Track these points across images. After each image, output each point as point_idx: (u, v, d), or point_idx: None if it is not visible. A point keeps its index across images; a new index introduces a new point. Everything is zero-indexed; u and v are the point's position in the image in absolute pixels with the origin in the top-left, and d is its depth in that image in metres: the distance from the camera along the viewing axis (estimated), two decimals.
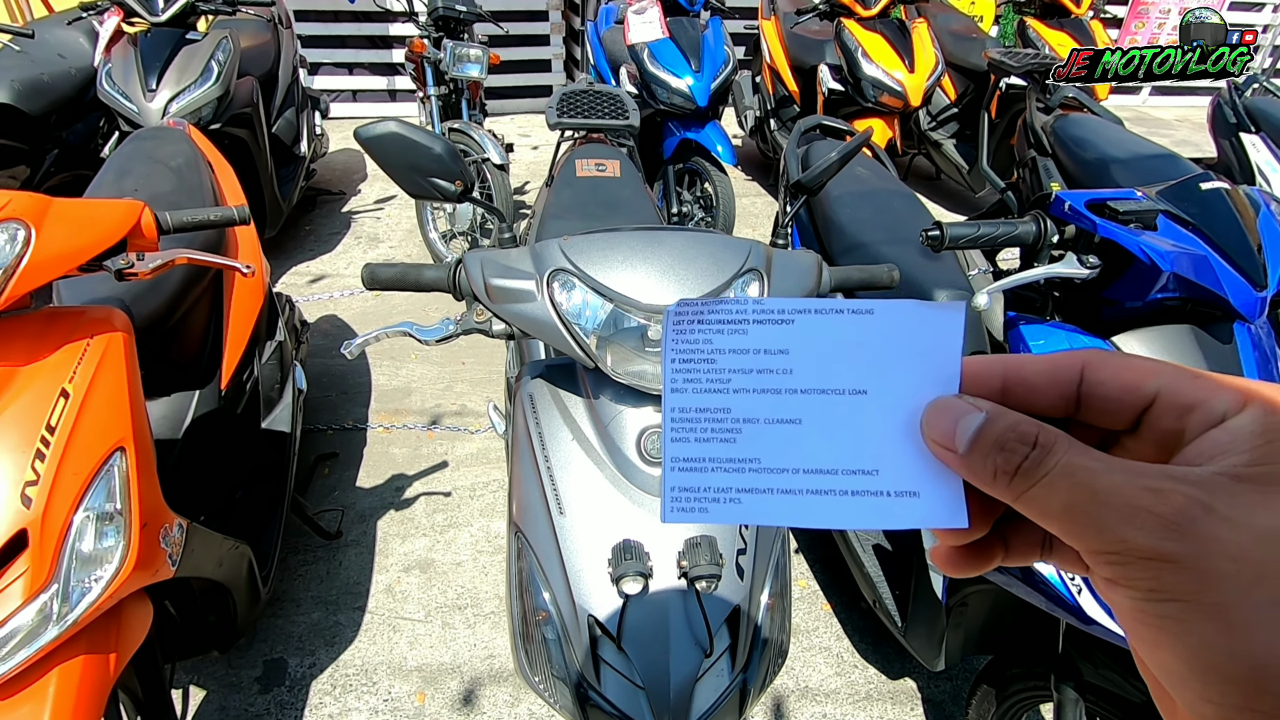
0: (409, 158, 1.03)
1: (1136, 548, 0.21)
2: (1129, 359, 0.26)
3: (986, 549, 0.29)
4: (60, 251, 1.06)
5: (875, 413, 0.28)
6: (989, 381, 0.28)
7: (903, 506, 0.28)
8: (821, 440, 0.28)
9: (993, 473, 0.25)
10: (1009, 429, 0.25)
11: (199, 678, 1.72)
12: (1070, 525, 0.23)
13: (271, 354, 1.98)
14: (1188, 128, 6.27)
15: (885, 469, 0.28)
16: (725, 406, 0.29)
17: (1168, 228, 1.05)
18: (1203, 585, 0.20)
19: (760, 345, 0.29)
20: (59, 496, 1.02)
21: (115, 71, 2.77)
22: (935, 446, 0.27)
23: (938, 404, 0.27)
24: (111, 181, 1.86)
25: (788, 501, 0.28)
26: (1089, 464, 0.23)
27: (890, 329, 0.28)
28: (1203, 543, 0.21)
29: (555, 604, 0.94)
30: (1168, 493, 0.22)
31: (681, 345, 0.29)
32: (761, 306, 0.29)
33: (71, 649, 1.06)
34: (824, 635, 1.89)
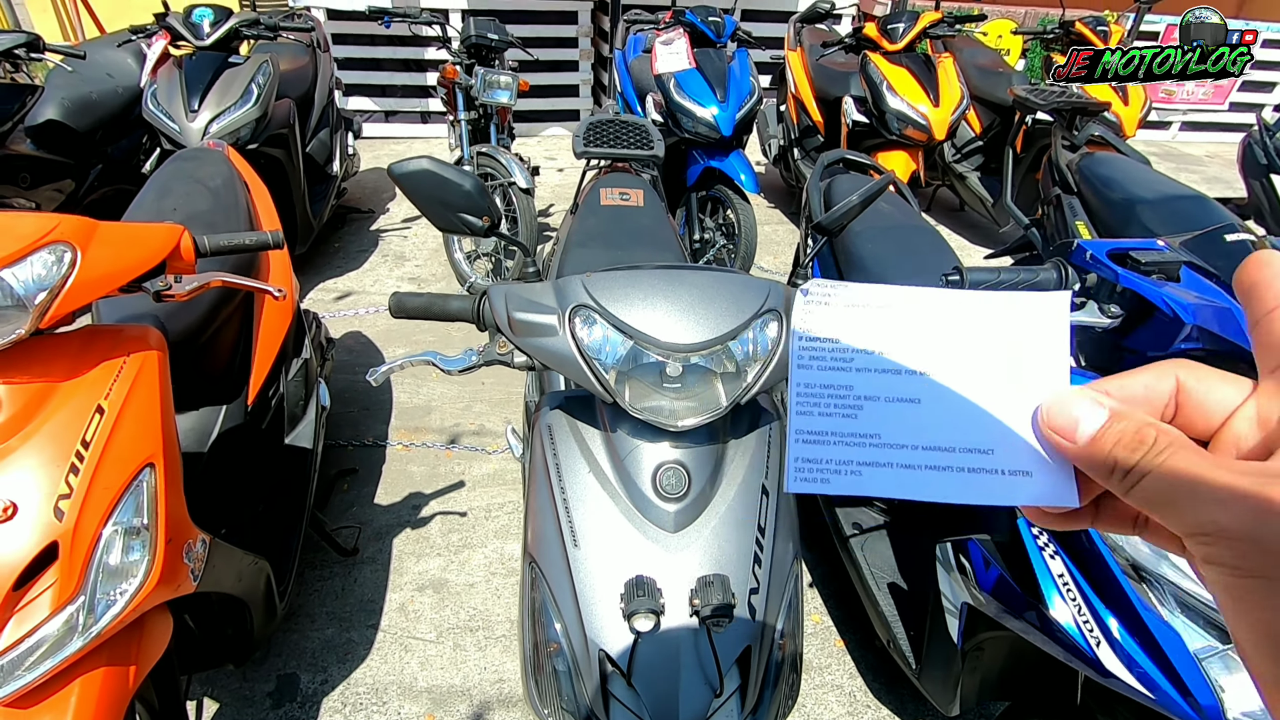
0: (439, 194, 1.06)
1: (1224, 528, 0.23)
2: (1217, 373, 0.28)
3: (1078, 513, 0.31)
4: (104, 273, 1.10)
5: (989, 395, 0.30)
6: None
7: (1016, 485, 0.29)
8: (938, 419, 0.30)
9: (1110, 469, 0.27)
10: (1132, 430, 0.26)
11: (213, 690, 1.73)
12: (1170, 510, 0.25)
13: (297, 371, 2.02)
14: (1218, 164, 6.20)
15: (999, 449, 0.29)
16: (848, 384, 0.30)
17: (1191, 279, 1.04)
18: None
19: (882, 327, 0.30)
20: (90, 510, 1.05)
21: (160, 92, 2.88)
22: (1053, 435, 0.28)
23: (1060, 395, 0.29)
24: (153, 200, 1.93)
25: (906, 475, 0.29)
26: (1195, 460, 0.25)
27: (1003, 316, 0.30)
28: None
29: (567, 636, 0.95)
30: (1261, 482, 0.23)
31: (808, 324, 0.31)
32: (885, 290, 0.31)
33: (93, 661, 1.08)
34: (836, 673, 1.86)
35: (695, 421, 0.97)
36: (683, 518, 0.98)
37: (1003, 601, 1.22)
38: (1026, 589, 1.17)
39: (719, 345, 0.94)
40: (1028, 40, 5.47)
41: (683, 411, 0.97)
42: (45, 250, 1.04)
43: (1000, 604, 1.23)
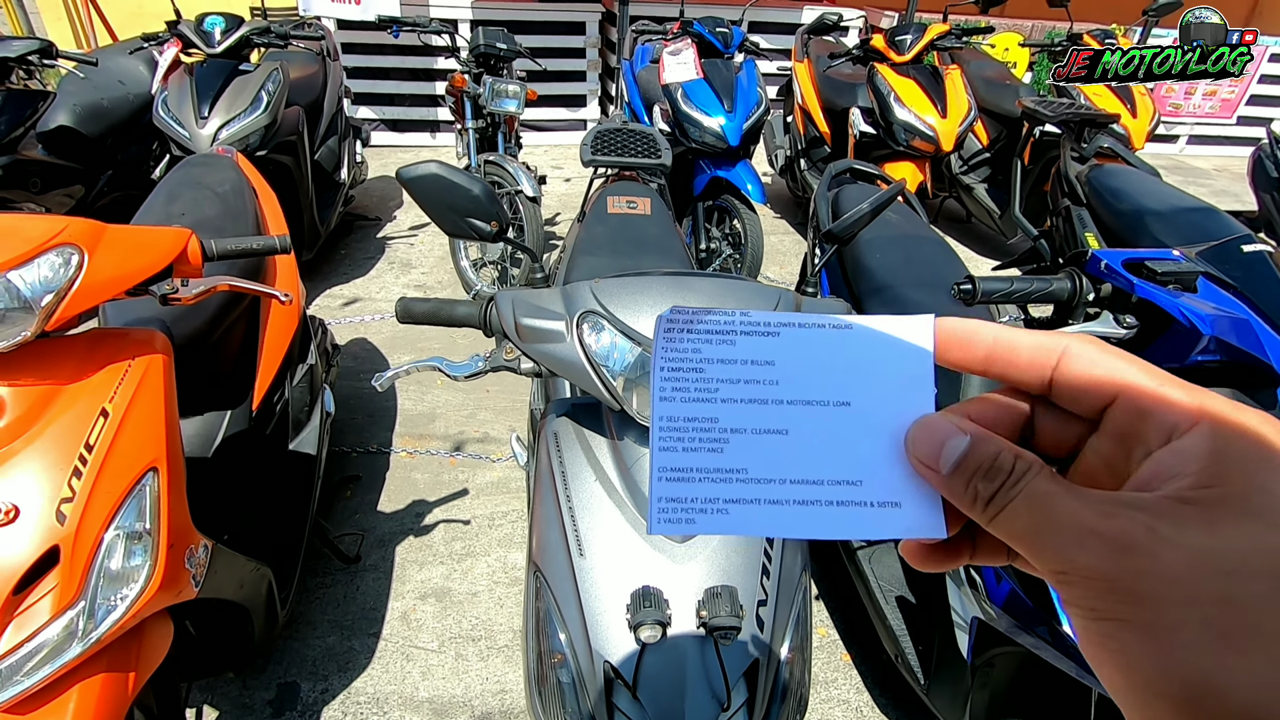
0: (448, 198, 1.06)
1: (1081, 567, 0.22)
2: (1103, 357, 0.26)
3: (954, 548, 0.30)
4: (110, 276, 1.10)
5: (858, 424, 0.29)
6: (977, 344, 0.28)
7: (885, 517, 0.28)
8: (807, 451, 0.29)
9: (972, 498, 0.26)
10: (988, 457, 0.25)
11: (212, 697, 1.72)
12: (1029, 546, 0.24)
13: (302, 377, 2.02)
14: (1227, 177, 6.18)
15: (868, 480, 0.28)
16: (713, 416, 0.29)
17: (1208, 289, 1.03)
18: (1139, 605, 0.21)
19: (748, 356, 0.29)
20: (92, 514, 1.04)
21: (170, 99, 2.90)
22: (919, 465, 0.28)
23: (924, 423, 0.28)
24: (161, 205, 1.93)
25: (774, 512, 0.28)
26: (1051, 489, 0.24)
27: (868, 342, 0.29)
28: (1141, 564, 0.21)
29: (571, 647, 0.93)
30: (1114, 515, 0.22)
31: (671, 354, 0.29)
32: (748, 318, 0.29)
33: (93, 666, 1.07)
34: (843, 687, 1.84)
35: None
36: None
37: (1014, 616, 1.20)
38: (1039, 603, 1.15)
39: None
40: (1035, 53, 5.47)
41: None
42: (53, 253, 1.04)
43: (1012, 619, 1.21)
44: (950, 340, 0.29)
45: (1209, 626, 0.20)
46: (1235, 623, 0.20)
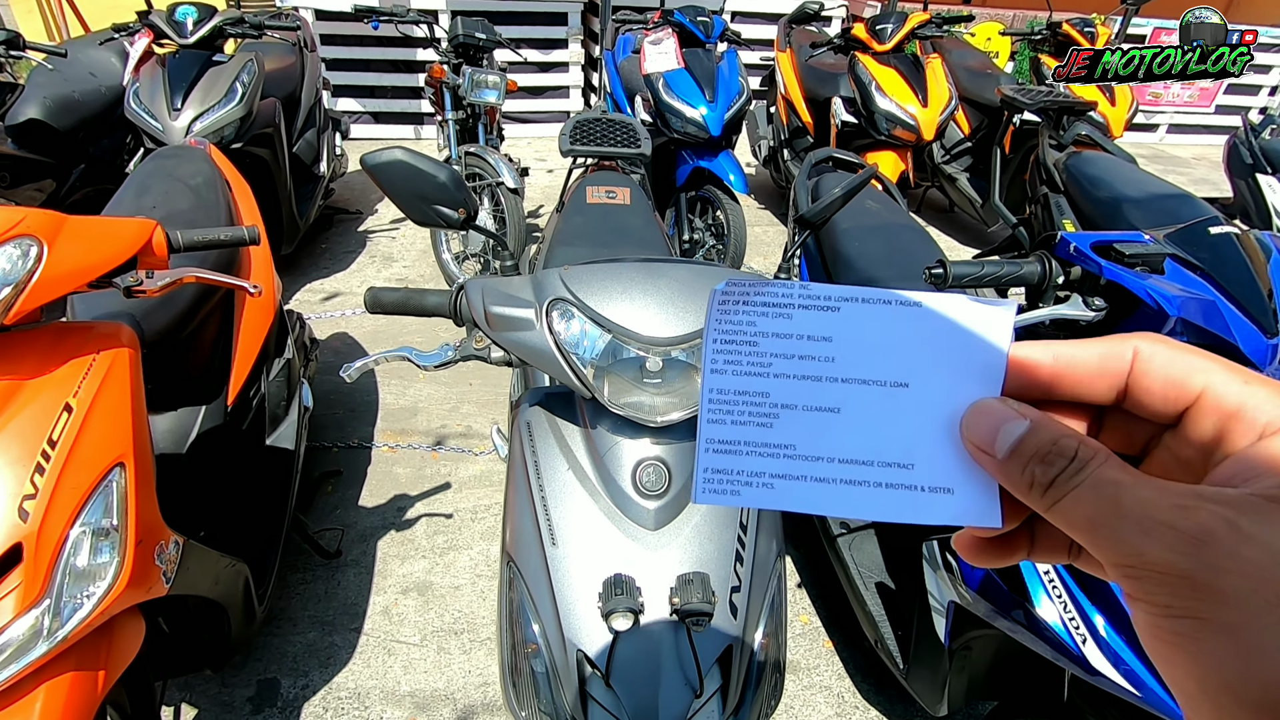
0: (414, 185, 1.04)
1: (1153, 562, 0.21)
2: (1181, 351, 0.25)
3: (1011, 543, 0.28)
4: (71, 268, 1.08)
5: (915, 406, 0.28)
6: (1038, 368, 0.27)
7: (936, 502, 0.27)
8: (859, 430, 0.28)
9: (1029, 483, 0.24)
10: (1050, 442, 0.24)
11: (190, 695, 1.70)
12: (1093, 537, 0.23)
13: (279, 371, 2.00)
14: (1205, 166, 6.24)
15: (921, 464, 0.27)
16: (764, 390, 0.28)
17: (1175, 272, 1.04)
18: (1218, 604, 0.20)
19: (804, 331, 0.28)
20: (56, 511, 1.02)
21: (142, 91, 2.85)
22: (973, 449, 0.26)
23: (980, 406, 0.27)
24: (132, 198, 1.90)
25: (821, 490, 0.28)
26: (1119, 478, 0.23)
27: (937, 322, 0.28)
28: (1221, 560, 0.20)
29: (545, 637, 0.93)
30: (1192, 509, 0.21)
31: (725, 326, 0.29)
32: (808, 292, 0.28)
33: (60, 665, 1.05)
34: (825, 674, 1.85)
35: (676, 417, 0.95)
36: (663, 515, 0.96)
37: (990, 600, 1.21)
38: (1013, 587, 1.16)
39: (699, 339, 0.93)
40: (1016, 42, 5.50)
41: (663, 407, 0.95)
42: (10, 244, 1.02)
43: (987, 603, 1.22)
44: (1010, 365, 0.27)
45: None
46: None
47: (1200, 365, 0.24)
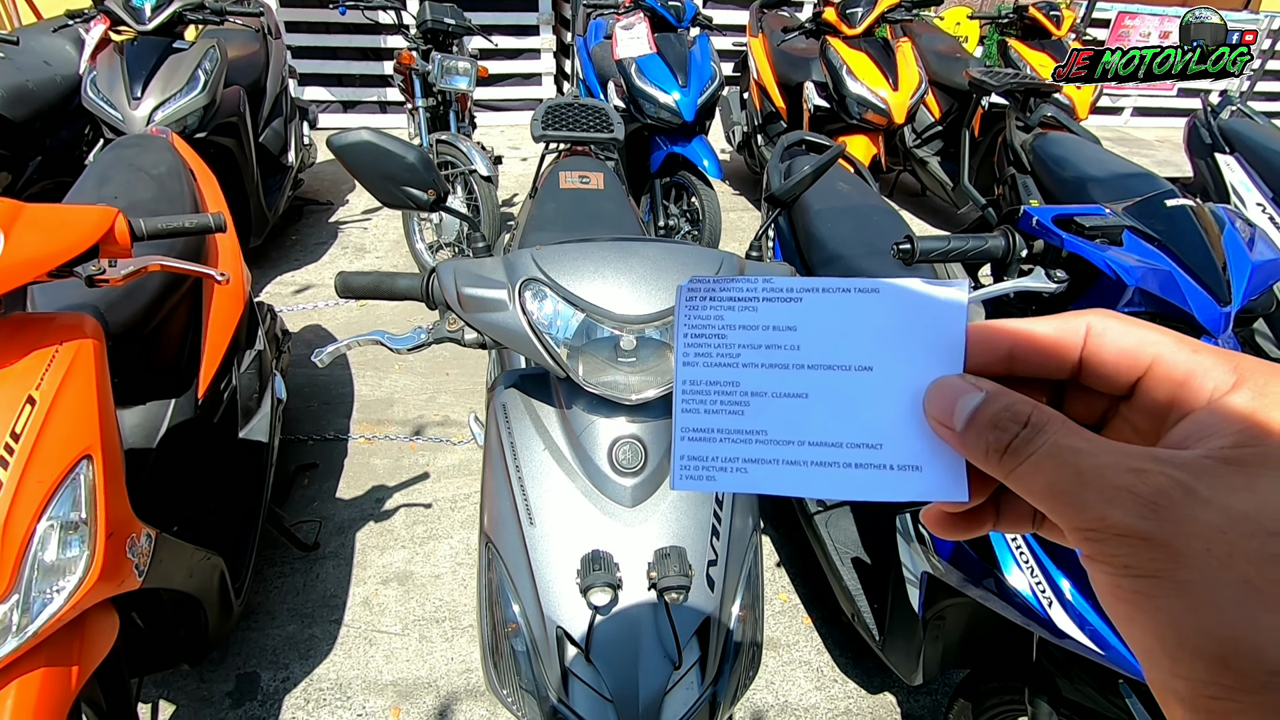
0: (382, 167, 1.03)
1: (1113, 525, 0.22)
2: (1132, 325, 0.26)
3: (978, 515, 0.30)
4: (29, 257, 1.05)
5: (880, 388, 0.29)
6: (996, 345, 0.28)
7: (905, 479, 0.28)
8: (827, 414, 0.29)
9: (985, 450, 0.25)
10: (1004, 409, 0.25)
11: (169, 691, 1.68)
12: (1054, 503, 0.23)
13: (250, 363, 1.97)
14: (1168, 148, 6.38)
15: (889, 443, 0.28)
16: (734, 380, 0.29)
17: (1134, 243, 1.06)
18: (1175, 563, 0.21)
19: (769, 322, 0.29)
20: (22, 505, 1.00)
21: (100, 79, 2.77)
22: (935, 423, 0.27)
23: (940, 383, 0.28)
24: (92, 188, 1.85)
25: (793, 472, 0.29)
26: (1076, 444, 0.23)
27: (896, 307, 0.29)
28: (1178, 522, 0.21)
29: (524, 616, 0.94)
30: (1150, 473, 0.22)
31: (694, 320, 0.30)
32: (771, 285, 0.29)
33: (31, 661, 1.04)
34: (804, 649, 1.88)
35: (651, 395, 0.96)
36: (639, 492, 0.97)
37: (961, 569, 1.24)
38: (984, 556, 1.19)
39: (672, 316, 0.93)
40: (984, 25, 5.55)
41: (638, 385, 0.96)
42: None
43: (959, 572, 1.25)
44: (970, 346, 0.28)
45: (1247, 585, 0.20)
46: (1274, 582, 0.20)
47: (1150, 338, 0.25)
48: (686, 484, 0.29)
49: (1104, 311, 0.27)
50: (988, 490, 0.28)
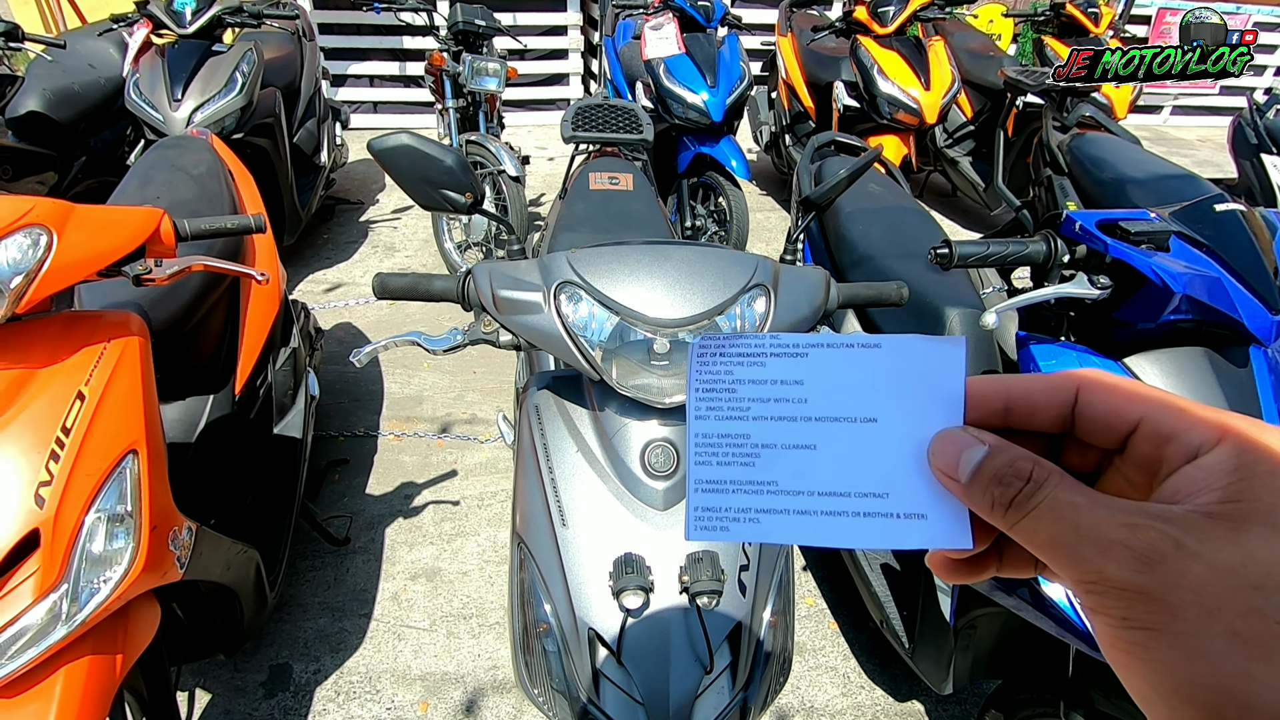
0: (420, 170, 1.05)
1: (1111, 578, 0.23)
2: (1120, 384, 0.27)
3: (981, 561, 0.31)
4: (81, 257, 1.08)
5: (885, 439, 0.30)
6: (993, 400, 0.29)
7: (911, 528, 0.29)
8: (835, 465, 0.30)
9: (990, 503, 0.26)
10: (1007, 464, 0.26)
11: (205, 681, 1.73)
12: (1054, 555, 0.24)
13: (285, 360, 2.00)
14: (1209, 148, 6.20)
15: (895, 492, 0.29)
16: (745, 433, 0.31)
17: (1181, 249, 1.04)
18: (1168, 616, 0.22)
19: (777, 376, 0.31)
20: (71, 497, 1.04)
21: (142, 81, 2.84)
22: (941, 475, 0.28)
23: (944, 435, 0.29)
24: (135, 188, 1.90)
25: (803, 522, 0.30)
26: (1074, 499, 0.24)
27: (897, 361, 0.30)
28: (1170, 576, 0.22)
29: (556, 616, 0.94)
30: (1142, 528, 0.23)
31: (705, 376, 0.31)
32: (778, 341, 0.31)
33: (78, 649, 1.07)
34: (830, 655, 1.86)
35: (683, 398, 0.96)
36: (672, 495, 0.97)
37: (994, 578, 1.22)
38: None
39: (706, 320, 0.93)
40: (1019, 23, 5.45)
41: (670, 388, 0.96)
42: (20, 233, 1.02)
43: (993, 580, 1.23)
44: (969, 398, 0.29)
45: (1235, 637, 0.21)
46: (1261, 633, 0.21)
47: (1139, 395, 0.27)
48: (702, 535, 0.30)
49: (1095, 371, 0.28)
50: (990, 538, 0.29)
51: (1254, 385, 1.03)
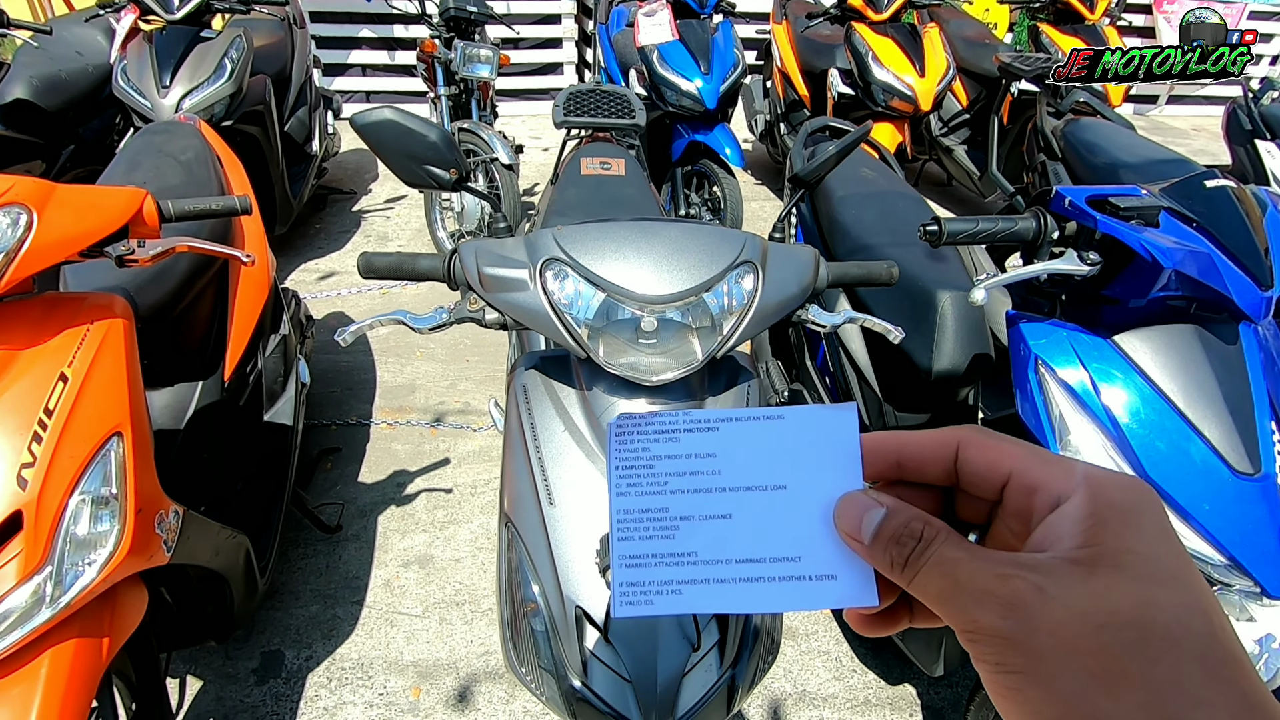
0: (404, 145, 1.04)
1: (983, 627, 0.24)
2: (994, 440, 0.29)
3: (893, 614, 0.32)
4: (62, 237, 1.07)
5: (794, 504, 0.31)
6: (887, 455, 0.31)
7: (823, 589, 0.30)
8: (749, 532, 0.31)
9: (890, 563, 0.28)
10: (902, 524, 0.28)
11: (196, 668, 1.72)
12: (942, 608, 0.26)
13: (275, 347, 1.99)
14: (1205, 137, 6.20)
15: (806, 555, 0.31)
16: (664, 506, 0.32)
17: (1171, 225, 1.03)
18: (1031, 659, 0.23)
19: (691, 450, 0.32)
20: (55, 479, 1.03)
21: (130, 68, 2.81)
22: (845, 536, 0.30)
23: (846, 499, 0.30)
24: (122, 174, 1.88)
25: (722, 590, 0.31)
26: (956, 555, 0.26)
27: (799, 430, 0.32)
28: (1032, 621, 0.23)
29: (544, 596, 0.94)
30: (1009, 578, 0.24)
31: (624, 454, 0.32)
32: (690, 417, 0.32)
33: (64, 632, 1.06)
34: (823, 639, 1.87)
35: (671, 376, 0.95)
36: None
37: None
38: None
39: (693, 297, 0.93)
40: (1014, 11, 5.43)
41: (658, 366, 0.95)
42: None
43: None
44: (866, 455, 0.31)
45: (1087, 674, 0.22)
46: (1107, 669, 0.22)
47: (1009, 451, 0.28)
48: (627, 610, 0.31)
49: (972, 428, 0.30)
50: (895, 593, 0.31)
51: (1243, 362, 1.03)
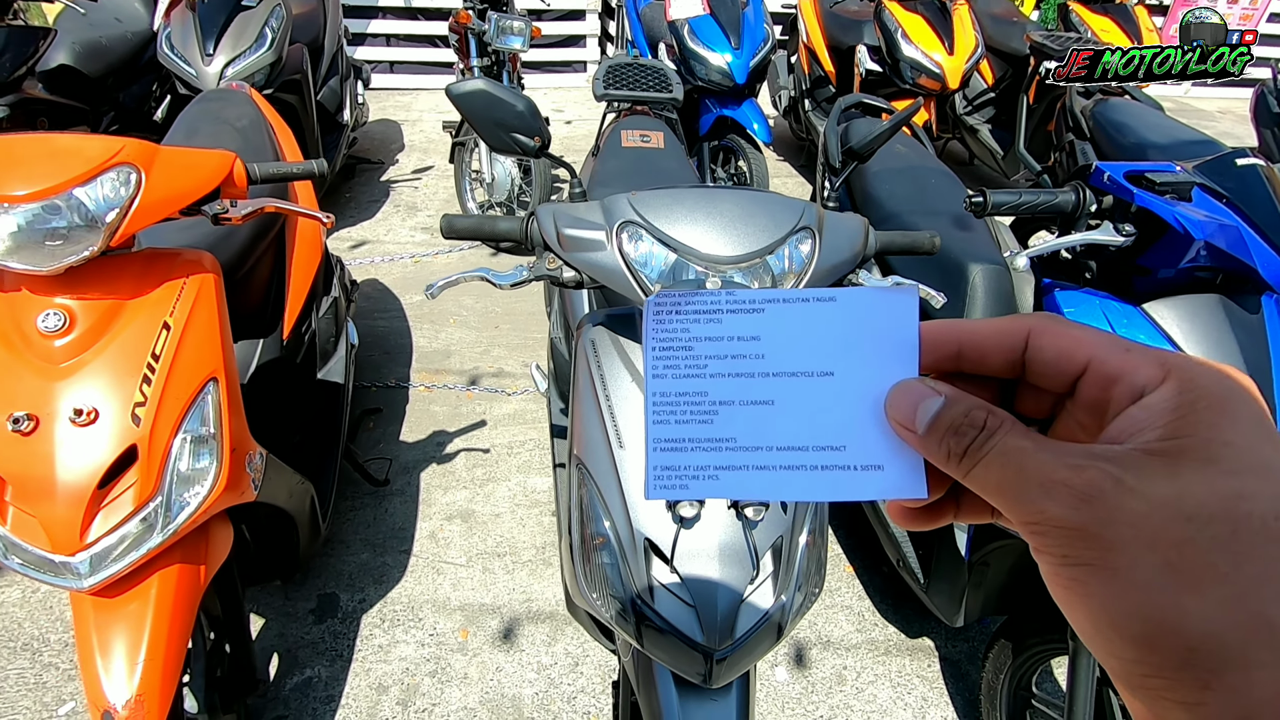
0: (494, 114, 1.11)
1: (1051, 517, 0.23)
2: (1069, 328, 0.27)
3: (938, 509, 0.31)
4: (166, 195, 1.15)
5: (842, 392, 0.30)
6: (946, 345, 0.29)
7: (868, 479, 0.29)
8: (792, 419, 0.30)
9: (946, 453, 0.27)
10: (962, 414, 0.27)
11: (258, 607, 1.84)
12: (1003, 499, 0.25)
13: (328, 308, 2.08)
14: (1230, 119, 6.16)
15: (852, 445, 0.30)
16: (703, 390, 0.31)
17: (1202, 200, 1.10)
18: (1105, 551, 0.22)
19: (734, 333, 0.31)
20: (163, 418, 1.12)
21: (175, 36, 2.87)
22: (897, 426, 0.29)
23: (901, 386, 0.29)
24: (182, 139, 1.96)
25: (761, 476, 0.30)
26: (1022, 444, 0.25)
27: (852, 314, 0.30)
28: (1107, 512, 0.22)
29: (614, 530, 1.03)
30: (1084, 468, 0.23)
31: (661, 334, 0.31)
32: (734, 297, 0.31)
33: (169, 558, 1.17)
34: (846, 595, 1.97)
35: None
36: None
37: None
38: None
39: (757, 259, 1.00)
40: None
41: None
42: (113, 171, 1.09)
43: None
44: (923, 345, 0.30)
45: (1168, 568, 0.21)
46: (1192, 564, 0.21)
47: (1086, 338, 0.27)
48: (660, 493, 0.30)
49: (1047, 315, 0.28)
50: (945, 486, 0.29)
51: (1264, 330, 1.10)
